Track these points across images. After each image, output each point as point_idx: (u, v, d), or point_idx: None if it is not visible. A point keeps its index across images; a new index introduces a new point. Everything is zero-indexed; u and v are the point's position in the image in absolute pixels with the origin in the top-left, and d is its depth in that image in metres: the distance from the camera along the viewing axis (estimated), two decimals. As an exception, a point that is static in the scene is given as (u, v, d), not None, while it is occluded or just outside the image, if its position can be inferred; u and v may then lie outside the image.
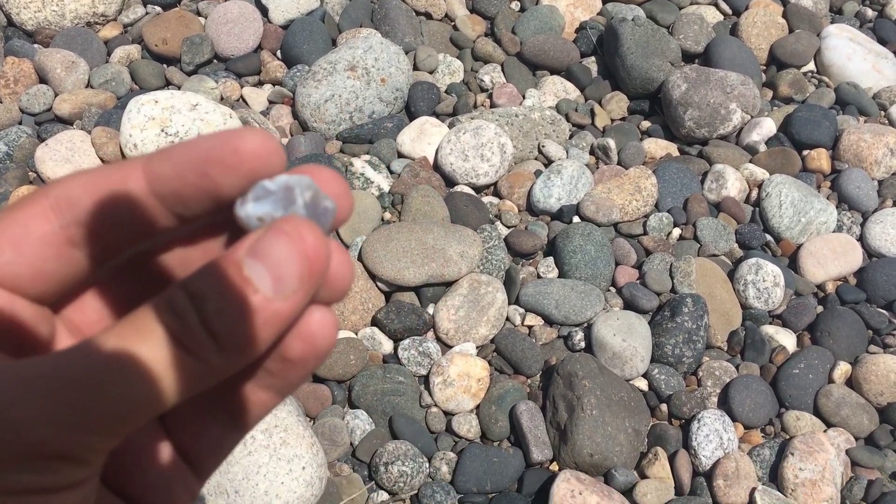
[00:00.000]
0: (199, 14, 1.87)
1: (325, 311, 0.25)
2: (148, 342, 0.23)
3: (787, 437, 1.25)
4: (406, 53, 1.78)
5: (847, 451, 1.23)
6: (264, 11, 1.85)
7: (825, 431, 1.26)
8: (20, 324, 0.26)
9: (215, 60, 1.81)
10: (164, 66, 1.77)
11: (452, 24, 1.93)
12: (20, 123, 1.62)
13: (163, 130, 1.49)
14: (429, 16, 1.92)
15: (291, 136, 1.66)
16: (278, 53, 1.83)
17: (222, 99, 1.71)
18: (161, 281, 0.28)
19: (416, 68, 1.81)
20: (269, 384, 0.26)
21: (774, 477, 1.21)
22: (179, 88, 1.70)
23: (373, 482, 1.19)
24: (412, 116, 1.71)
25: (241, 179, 0.25)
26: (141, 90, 1.71)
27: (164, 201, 0.25)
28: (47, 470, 0.22)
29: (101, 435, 0.23)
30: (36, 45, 1.75)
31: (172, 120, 1.50)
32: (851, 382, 1.32)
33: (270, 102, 1.74)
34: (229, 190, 0.25)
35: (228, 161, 0.24)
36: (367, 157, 1.57)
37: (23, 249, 0.25)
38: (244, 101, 1.73)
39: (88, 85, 1.70)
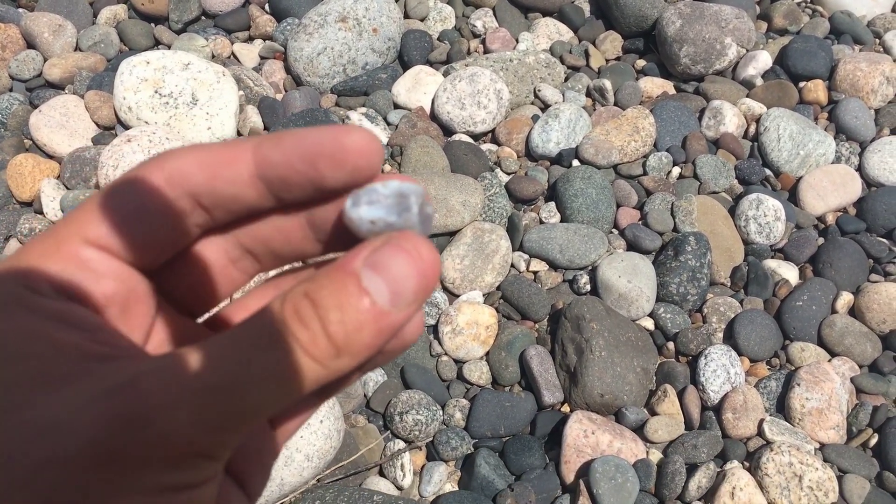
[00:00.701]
0: (183, -30, 1.84)
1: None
2: (279, 350, 0.24)
3: (793, 368, 1.27)
4: (396, 1, 1.76)
5: (852, 379, 1.26)
6: (250, -36, 1.83)
7: (830, 361, 1.28)
8: (132, 293, 0.28)
9: (203, 17, 1.78)
10: (152, 25, 1.74)
11: (441, -32, 1.90)
12: (11, 90, 1.60)
13: (156, 91, 1.48)
14: (417, -39, 1.90)
15: (286, 91, 1.65)
16: (266, 7, 1.81)
17: (213, 56, 1.69)
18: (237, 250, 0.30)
19: (406, 16, 1.79)
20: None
21: (782, 408, 1.23)
22: (169, 48, 1.68)
23: (388, 432, 1.21)
24: (406, 66, 1.70)
25: (344, 174, 0.27)
26: (131, 51, 1.69)
27: (268, 184, 0.27)
28: (191, 468, 0.24)
29: (237, 434, 0.24)
30: (21, 10, 1.73)
31: (166, 80, 1.49)
32: (854, 312, 1.34)
33: (262, 58, 1.72)
34: (332, 182, 0.27)
35: (335, 155, 0.26)
36: (364, 109, 1.56)
37: (142, 220, 0.27)
38: (235, 57, 1.71)
39: (77, 48, 1.68)
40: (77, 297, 0.26)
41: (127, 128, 1.49)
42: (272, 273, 0.32)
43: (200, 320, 0.32)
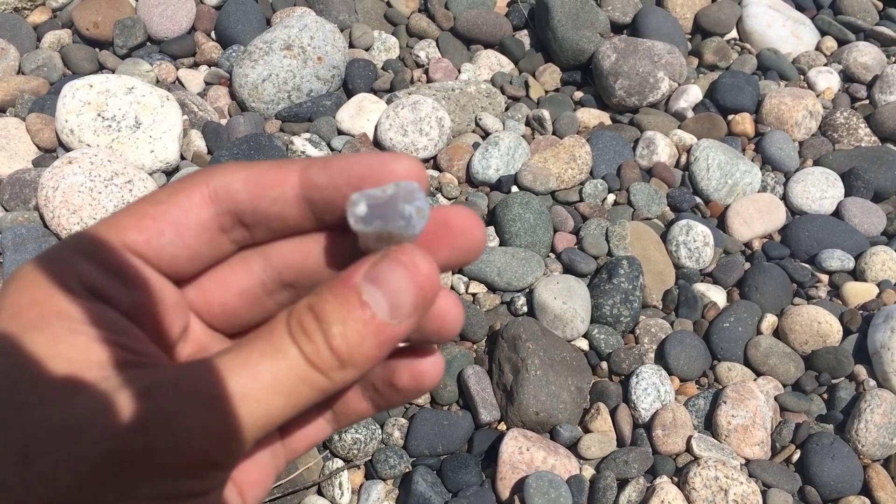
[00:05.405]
0: (129, -4, 1.85)
1: (436, 356, 0.29)
2: (285, 361, 0.25)
3: (720, 386, 1.32)
4: (341, 31, 1.80)
5: (776, 398, 1.31)
6: (196, -8, 1.85)
7: (755, 380, 1.33)
8: (162, 303, 0.29)
9: (149, 43, 1.80)
10: (97, 50, 1.75)
11: (386, 0, 1.95)
12: (-50, 112, 1.59)
13: (99, 115, 1.48)
14: (362, -7, 1.94)
15: (230, 116, 1.66)
16: (212, 34, 1.83)
17: (158, 81, 1.70)
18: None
19: (351, 46, 1.83)
20: (372, 398, 0.30)
21: (709, 425, 1.28)
22: (114, 72, 1.69)
23: (327, 451, 1.22)
24: (350, 93, 1.73)
25: None
26: (74, 75, 1.69)
27: (312, 206, 0.28)
28: (200, 476, 0.25)
29: (244, 443, 0.25)
30: (-38, 32, 1.72)
31: (108, 104, 1.50)
32: (778, 333, 1.39)
33: (207, 84, 1.73)
34: None
35: (383, 179, 0.27)
36: (308, 135, 1.59)
37: (183, 233, 0.28)
38: (180, 83, 1.73)
39: (20, 71, 1.68)
40: (107, 299, 0.27)
41: (68, 150, 1.49)
42: None
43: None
